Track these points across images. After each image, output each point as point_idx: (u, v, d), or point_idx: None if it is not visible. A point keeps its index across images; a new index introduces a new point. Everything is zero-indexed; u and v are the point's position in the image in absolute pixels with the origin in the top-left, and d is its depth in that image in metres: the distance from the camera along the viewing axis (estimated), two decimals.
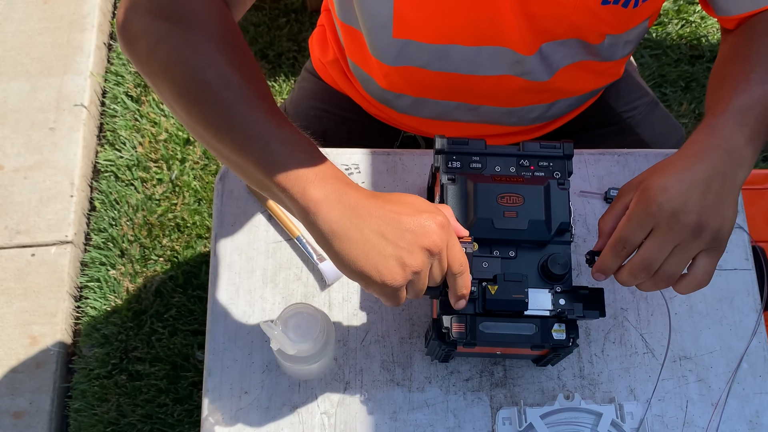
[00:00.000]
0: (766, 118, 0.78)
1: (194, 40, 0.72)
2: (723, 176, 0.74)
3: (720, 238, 0.74)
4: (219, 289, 0.93)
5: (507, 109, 1.07)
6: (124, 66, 2.11)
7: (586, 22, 0.91)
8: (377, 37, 0.96)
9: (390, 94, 1.08)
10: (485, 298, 0.80)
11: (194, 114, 0.71)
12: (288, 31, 2.12)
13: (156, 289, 1.82)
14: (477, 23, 0.91)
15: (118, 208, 1.92)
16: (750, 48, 0.85)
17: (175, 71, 0.71)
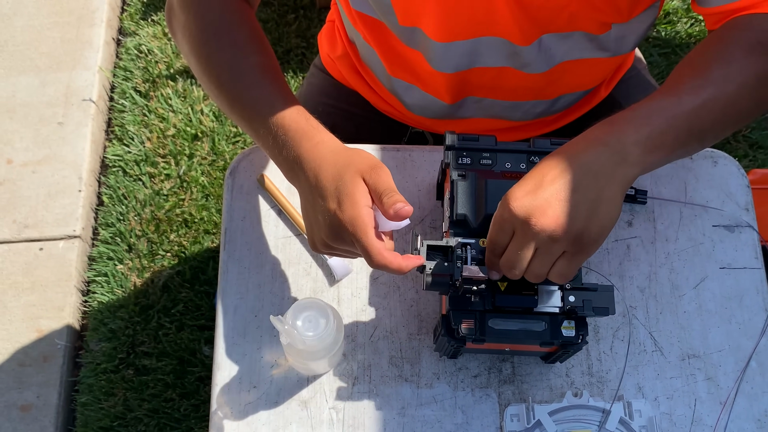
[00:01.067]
0: (681, 121, 0.76)
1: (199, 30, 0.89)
2: (596, 174, 0.72)
3: (584, 242, 0.72)
4: (228, 284, 0.94)
5: (510, 103, 1.07)
6: (133, 61, 2.12)
7: (584, 12, 0.90)
8: (388, 22, 0.98)
9: (400, 86, 1.08)
10: (495, 294, 0.80)
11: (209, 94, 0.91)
12: (297, 28, 2.12)
13: (163, 284, 1.83)
14: (473, 13, 0.91)
15: (126, 203, 1.93)
16: (702, 53, 0.84)
17: (192, 61, 0.91)
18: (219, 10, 0.90)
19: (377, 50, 1.05)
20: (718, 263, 0.97)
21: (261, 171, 0.99)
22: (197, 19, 0.89)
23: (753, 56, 0.81)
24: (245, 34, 0.89)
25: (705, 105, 0.77)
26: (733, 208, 0.99)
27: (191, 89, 2.05)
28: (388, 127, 1.20)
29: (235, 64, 0.87)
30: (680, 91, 0.78)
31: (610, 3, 0.89)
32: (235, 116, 0.88)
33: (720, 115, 0.79)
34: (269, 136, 0.83)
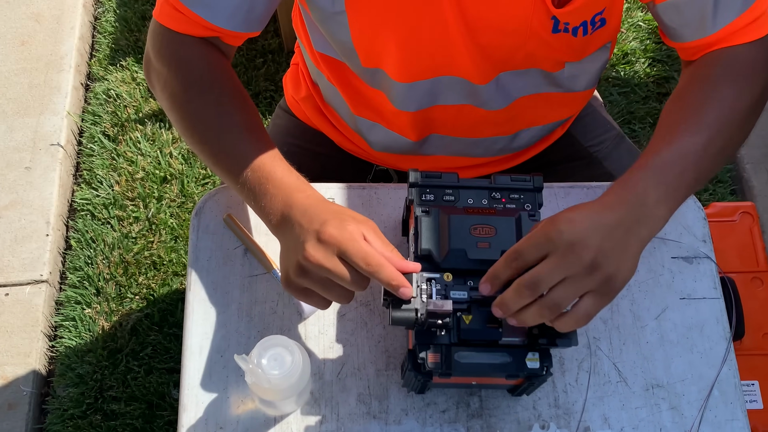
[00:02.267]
0: (689, 172, 0.81)
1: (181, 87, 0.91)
2: (627, 228, 0.76)
3: (611, 285, 0.75)
4: (194, 324, 0.94)
5: (472, 140, 1.09)
6: (102, 106, 2.12)
7: (540, 51, 0.94)
8: (351, 64, 1.01)
9: (364, 124, 1.10)
10: (460, 327, 0.81)
11: (192, 149, 0.93)
12: (265, 72, 2.15)
13: (132, 328, 1.81)
14: (432, 54, 0.94)
15: (94, 246, 1.92)
16: (689, 94, 0.88)
17: (173, 117, 0.93)
18: (201, 66, 0.92)
19: (340, 90, 1.07)
20: (678, 294, 0.99)
21: (227, 211, 1.00)
22: (179, 75, 0.91)
23: (738, 90, 0.87)
24: (229, 91, 0.91)
25: (706, 150, 0.82)
26: (690, 240, 1.02)
27: (160, 132, 2.06)
28: (353, 166, 1.22)
29: (220, 122, 0.89)
30: (682, 140, 0.82)
31: (563, 42, 0.92)
32: (218, 169, 0.90)
33: (718, 154, 0.84)
34: (255, 189, 0.85)
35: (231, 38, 0.94)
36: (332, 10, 0.90)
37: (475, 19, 0.88)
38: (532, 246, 0.75)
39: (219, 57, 0.94)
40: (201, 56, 0.92)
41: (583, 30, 0.91)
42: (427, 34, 0.91)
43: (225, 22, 0.90)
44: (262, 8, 0.92)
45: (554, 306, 0.74)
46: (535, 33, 0.90)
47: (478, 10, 0.88)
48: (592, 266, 0.73)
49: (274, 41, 2.18)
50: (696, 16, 0.88)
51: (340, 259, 0.76)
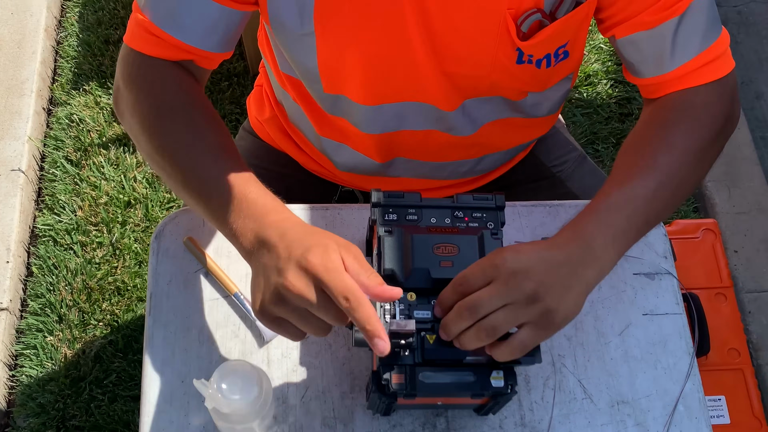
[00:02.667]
0: (638, 216, 0.82)
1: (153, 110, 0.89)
2: (573, 268, 0.77)
3: (550, 318, 0.75)
4: (154, 350, 0.92)
5: (438, 164, 1.10)
6: (64, 131, 2.10)
7: (505, 81, 0.95)
8: (312, 89, 1.00)
9: (330, 145, 1.10)
10: (424, 347, 0.80)
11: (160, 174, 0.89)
12: (230, 95, 2.14)
13: (95, 355, 1.78)
14: (399, 81, 0.94)
15: (57, 273, 1.88)
16: (643, 138, 0.90)
17: (142, 141, 0.89)
18: (173, 88, 0.90)
19: (305, 111, 1.07)
20: (640, 310, 0.99)
21: (188, 233, 0.98)
22: (150, 96, 0.89)
23: (691, 134, 0.89)
24: (201, 114, 0.89)
25: (657, 193, 0.84)
26: (652, 256, 1.02)
27: (124, 157, 2.04)
28: (319, 187, 1.22)
29: (192, 143, 0.86)
30: (633, 184, 0.84)
31: (527, 73, 0.93)
32: (187, 192, 0.86)
33: (671, 197, 0.85)
34: (226, 211, 0.81)
35: (205, 60, 0.93)
36: (300, 31, 0.90)
37: (442, 47, 0.89)
38: (477, 272, 0.76)
39: (191, 80, 0.92)
40: (173, 78, 0.90)
41: (547, 62, 0.92)
42: (394, 59, 0.91)
43: (201, 42, 0.89)
44: (234, 28, 0.91)
45: (491, 330, 0.75)
46: (500, 63, 0.91)
47: (445, 39, 0.88)
48: (532, 297, 0.74)
49: (239, 64, 2.18)
50: (654, 53, 0.90)
51: (322, 291, 0.73)
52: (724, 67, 0.92)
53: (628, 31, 0.90)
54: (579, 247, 0.79)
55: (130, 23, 0.91)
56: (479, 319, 0.75)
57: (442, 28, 0.87)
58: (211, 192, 0.83)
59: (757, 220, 2.05)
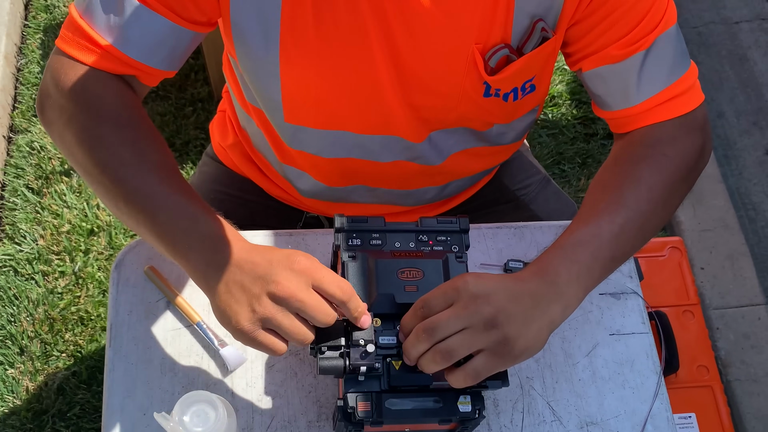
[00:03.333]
0: (604, 251, 0.82)
1: (93, 123, 0.83)
2: (536, 300, 0.77)
3: (508, 348, 0.74)
4: (114, 382, 0.90)
5: (403, 191, 1.09)
6: (25, 158, 2.06)
7: (472, 113, 0.95)
8: (273, 119, 0.99)
9: (292, 172, 1.09)
10: (389, 373, 0.79)
11: (96, 189, 0.85)
12: (195, 120, 2.13)
13: (58, 387, 1.73)
14: (365, 113, 0.94)
15: (18, 303, 1.84)
16: (610, 175, 0.90)
17: (78, 153, 0.84)
18: (116, 103, 0.85)
19: (268, 138, 1.06)
20: (607, 330, 0.99)
21: (149, 262, 0.96)
22: (91, 109, 0.84)
23: (658, 170, 0.88)
24: (145, 131, 0.85)
25: (623, 229, 0.83)
26: (617, 276, 1.02)
27: (86, 184, 2.01)
28: (283, 213, 1.20)
29: (138, 161, 0.82)
30: (599, 220, 0.84)
31: (494, 105, 0.94)
32: (128, 210, 0.82)
33: (639, 233, 0.85)
34: (176, 232, 0.79)
35: (148, 77, 0.89)
36: (265, 57, 0.88)
37: (409, 79, 0.89)
38: (439, 295, 0.76)
39: (133, 95, 0.88)
40: (115, 92, 0.86)
41: (514, 95, 0.93)
42: (360, 90, 0.90)
43: (146, 59, 0.86)
44: (183, 47, 0.88)
45: (447, 353, 0.74)
46: (467, 95, 0.91)
47: (413, 71, 0.88)
48: (491, 322, 0.74)
49: (204, 89, 2.16)
50: (620, 86, 0.90)
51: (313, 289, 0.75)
52: (691, 101, 0.91)
53: (594, 64, 0.90)
54: (543, 282, 0.78)
55: (67, 26, 0.86)
56: (438, 341, 0.74)
57: (409, 60, 0.87)
58: (157, 210, 0.80)
59: (721, 236, 2.07)
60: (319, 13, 0.83)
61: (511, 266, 1.00)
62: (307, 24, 0.84)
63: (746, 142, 2.26)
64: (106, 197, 0.84)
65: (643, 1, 0.85)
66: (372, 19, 0.83)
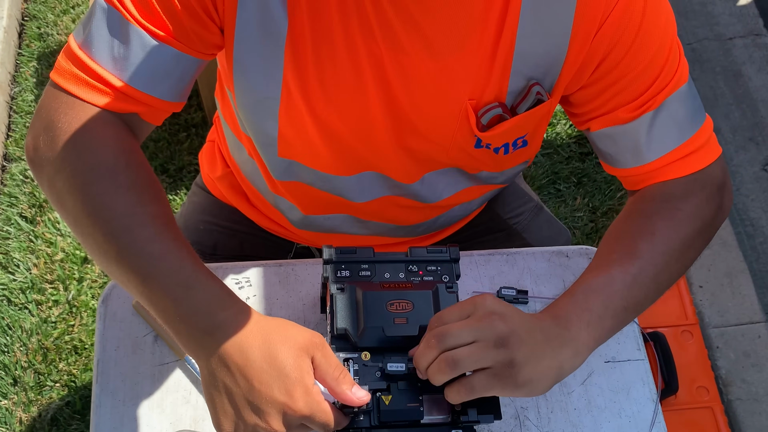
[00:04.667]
0: (616, 300, 0.80)
1: (86, 168, 0.77)
2: (548, 338, 0.76)
3: (513, 373, 0.73)
4: (101, 420, 0.88)
5: (394, 226, 1.09)
6: (18, 187, 2.05)
7: (463, 160, 0.95)
8: (265, 153, 0.97)
9: (283, 203, 1.08)
10: (380, 409, 0.78)
11: (85, 241, 0.79)
12: (188, 146, 2.12)
13: (52, 417, 1.71)
14: (357, 153, 0.93)
15: (11, 333, 1.82)
16: (624, 228, 0.89)
17: (68, 201, 0.78)
18: (114, 147, 0.79)
19: (260, 167, 1.05)
20: (602, 357, 0.98)
21: None
22: (84, 153, 0.78)
23: (673, 224, 0.87)
24: (143, 179, 0.79)
25: (636, 280, 0.82)
26: None
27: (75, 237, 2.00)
28: (273, 243, 1.19)
29: (132, 212, 0.76)
30: (611, 270, 0.82)
31: (485, 155, 0.93)
32: (121, 266, 0.75)
33: (652, 284, 0.83)
34: (167, 298, 0.73)
35: (152, 112, 0.83)
36: (265, 95, 0.86)
37: (404, 124, 0.89)
38: (455, 309, 0.76)
39: (133, 140, 0.82)
40: (115, 136, 0.79)
41: (504, 150, 0.92)
42: (358, 135, 0.90)
43: (151, 88, 0.80)
44: (189, 76, 0.85)
45: (453, 362, 0.72)
46: (458, 145, 0.91)
47: (408, 117, 0.88)
48: (501, 341, 0.72)
49: (198, 115, 2.16)
50: (630, 146, 0.89)
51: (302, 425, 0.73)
52: (706, 157, 0.89)
53: (603, 125, 0.89)
54: (555, 325, 0.77)
55: (64, 57, 0.80)
56: (447, 350, 0.73)
57: (404, 107, 0.87)
58: (150, 271, 0.74)
59: (719, 254, 2.06)
60: (319, 59, 0.83)
61: (503, 293, 0.99)
62: (308, 67, 0.83)
63: (743, 157, 2.25)
64: (97, 253, 0.78)
65: (654, 64, 0.84)
66: (369, 65, 0.83)
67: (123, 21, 0.78)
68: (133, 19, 0.77)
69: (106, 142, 0.79)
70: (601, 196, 2.13)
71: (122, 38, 0.78)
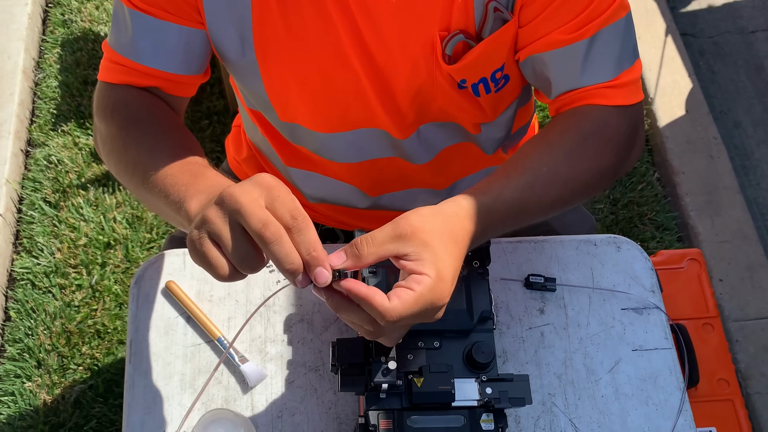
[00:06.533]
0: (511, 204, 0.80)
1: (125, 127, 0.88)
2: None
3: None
4: (134, 399, 0.89)
5: (407, 193, 1.09)
6: (42, 172, 2.07)
7: (452, 108, 0.95)
8: (271, 119, 1.01)
9: (298, 175, 1.09)
10: (411, 391, 0.78)
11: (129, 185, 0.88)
12: (210, 133, 2.13)
13: (75, 400, 1.73)
14: (346, 107, 0.94)
15: (35, 317, 1.84)
16: (556, 139, 0.88)
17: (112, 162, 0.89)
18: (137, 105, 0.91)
19: (271, 143, 1.07)
20: (630, 346, 0.98)
21: (168, 278, 0.96)
22: (116, 118, 0.89)
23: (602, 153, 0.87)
24: (165, 120, 0.90)
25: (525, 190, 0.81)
26: (639, 290, 1.01)
27: (103, 197, 2.02)
28: None
29: (155, 146, 0.85)
30: (509, 177, 0.82)
31: (468, 100, 0.94)
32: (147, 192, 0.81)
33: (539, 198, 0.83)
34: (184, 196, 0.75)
35: (173, 85, 0.92)
36: (243, 60, 0.91)
37: (382, 68, 0.89)
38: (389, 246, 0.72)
39: (157, 100, 0.92)
40: (139, 97, 0.91)
41: (485, 88, 0.92)
42: (338, 84, 0.91)
43: (163, 65, 0.90)
44: (198, 47, 0.91)
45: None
46: (440, 87, 0.91)
47: (385, 62, 0.89)
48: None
49: (220, 103, 2.17)
50: (565, 70, 0.89)
51: (236, 225, 0.65)
52: (634, 96, 0.91)
53: (541, 48, 0.89)
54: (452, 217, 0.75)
55: (102, 62, 0.93)
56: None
57: (379, 52, 0.87)
58: (165, 185, 0.79)
59: (740, 248, 2.05)
60: (285, 14, 0.85)
61: (532, 280, 0.99)
62: (276, 24, 0.86)
63: (764, 152, 2.24)
64: (138, 192, 0.86)
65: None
66: (337, 12, 0.85)
67: (122, 6, 0.88)
68: (130, 2, 0.87)
69: (132, 103, 0.90)
70: (622, 188, 2.12)
71: (126, 24, 0.88)
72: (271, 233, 0.63)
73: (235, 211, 0.64)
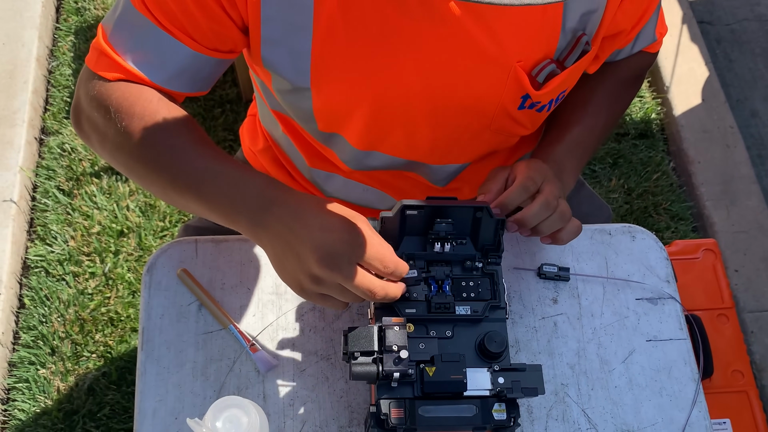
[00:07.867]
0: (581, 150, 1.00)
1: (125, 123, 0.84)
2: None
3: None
4: (146, 386, 0.89)
5: None
6: (56, 160, 2.08)
7: (506, 127, 0.97)
8: (307, 127, 1.00)
9: (320, 175, 1.09)
10: (423, 380, 0.78)
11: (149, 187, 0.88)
12: (223, 121, 2.13)
13: (88, 387, 1.74)
14: (395, 135, 0.96)
15: (49, 304, 1.86)
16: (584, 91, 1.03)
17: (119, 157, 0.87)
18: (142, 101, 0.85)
19: (295, 143, 1.06)
20: (644, 336, 0.97)
21: (181, 265, 0.96)
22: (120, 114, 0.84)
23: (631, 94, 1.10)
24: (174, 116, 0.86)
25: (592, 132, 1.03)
26: (654, 280, 1.00)
27: (116, 185, 2.02)
28: None
29: (173, 144, 0.83)
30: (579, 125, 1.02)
31: (526, 117, 0.96)
32: (177, 190, 0.83)
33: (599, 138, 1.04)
34: (222, 198, 0.80)
35: (174, 95, 0.90)
36: (296, 85, 0.89)
37: (441, 98, 0.90)
38: (522, 191, 0.87)
39: (157, 93, 0.87)
40: (138, 92, 0.86)
41: (548, 106, 0.95)
42: (394, 114, 0.92)
43: (167, 83, 0.86)
44: (207, 73, 0.89)
45: (564, 214, 0.89)
46: (503, 109, 0.93)
47: (445, 90, 0.89)
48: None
49: (232, 91, 2.17)
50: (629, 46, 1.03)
51: (355, 266, 0.75)
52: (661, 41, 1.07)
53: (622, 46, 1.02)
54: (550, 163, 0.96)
55: (95, 48, 0.87)
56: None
57: (447, 79, 0.88)
58: (201, 183, 0.81)
59: (756, 238, 2.03)
60: (351, 42, 0.83)
61: (545, 270, 0.98)
62: (339, 49, 0.84)
63: None
64: (155, 188, 0.86)
65: None
66: (405, 42, 0.84)
67: (136, 12, 0.82)
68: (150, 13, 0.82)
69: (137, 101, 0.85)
70: (637, 178, 2.11)
71: (140, 34, 0.84)
72: (378, 297, 0.77)
73: (341, 284, 0.75)
